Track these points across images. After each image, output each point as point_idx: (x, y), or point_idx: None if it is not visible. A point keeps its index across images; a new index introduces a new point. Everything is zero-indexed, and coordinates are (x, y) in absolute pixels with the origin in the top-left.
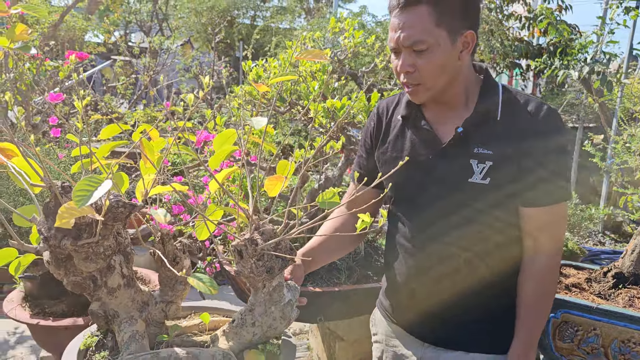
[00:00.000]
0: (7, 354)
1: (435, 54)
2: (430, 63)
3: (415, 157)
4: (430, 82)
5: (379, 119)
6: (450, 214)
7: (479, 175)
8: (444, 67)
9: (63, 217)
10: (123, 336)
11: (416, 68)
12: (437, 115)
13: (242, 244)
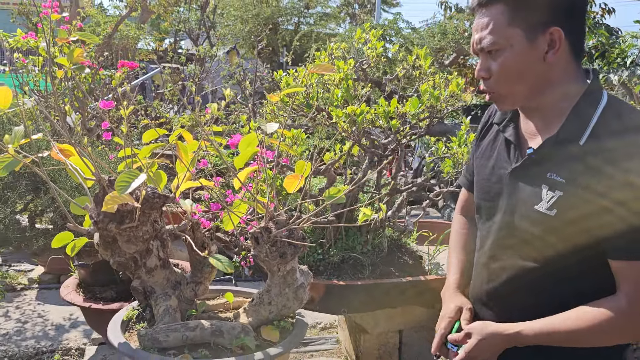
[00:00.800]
0: (62, 336)
1: (507, 56)
2: (502, 67)
3: (497, 169)
4: (505, 89)
5: (486, 120)
6: (514, 237)
7: (545, 204)
8: (522, 72)
9: (108, 203)
10: (158, 309)
11: (491, 73)
12: (529, 126)
13: (258, 232)
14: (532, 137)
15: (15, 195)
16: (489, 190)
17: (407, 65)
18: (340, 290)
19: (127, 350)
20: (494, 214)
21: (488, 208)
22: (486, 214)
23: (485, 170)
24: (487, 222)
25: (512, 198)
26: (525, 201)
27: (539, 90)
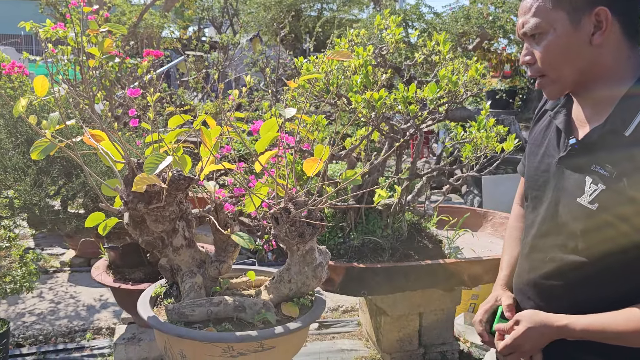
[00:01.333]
0: (93, 316)
1: (550, 40)
2: (546, 51)
3: (546, 157)
4: (552, 74)
5: (540, 106)
6: (558, 229)
7: (587, 197)
8: (566, 56)
9: (138, 184)
10: (184, 286)
11: (535, 58)
12: (581, 114)
13: (278, 212)
14: (582, 125)
15: (49, 179)
16: (537, 179)
17: (427, 51)
18: (360, 273)
19: (156, 323)
20: (540, 204)
21: (534, 197)
22: (532, 204)
23: (535, 158)
24: (533, 211)
25: (557, 188)
26: (569, 193)
27: (589, 75)
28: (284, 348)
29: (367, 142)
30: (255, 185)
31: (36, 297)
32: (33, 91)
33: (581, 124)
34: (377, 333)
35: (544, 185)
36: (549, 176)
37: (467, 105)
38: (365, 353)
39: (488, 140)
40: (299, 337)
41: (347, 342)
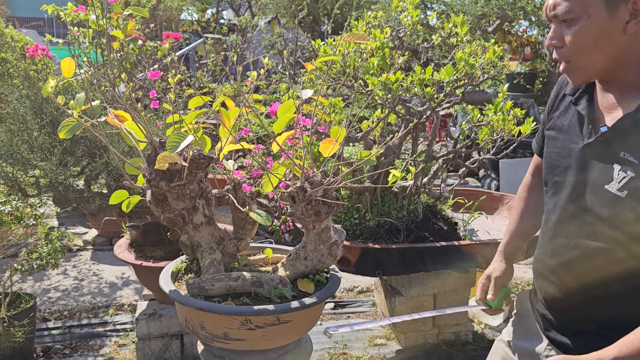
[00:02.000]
0: (116, 293)
1: (583, 26)
2: (577, 37)
3: (568, 143)
4: (581, 60)
5: (558, 89)
6: (581, 216)
7: (616, 184)
8: (597, 43)
9: (160, 162)
10: (204, 262)
11: (564, 42)
12: (607, 99)
13: (294, 191)
14: (609, 111)
15: (73, 160)
16: (558, 165)
17: (444, 33)
18: (375, 253)
19: (177, 296)
20: (561, 189)
21: (555, 183)
22: (553, 188)
23: (555, 143)
24: (554, 196)
25: (581, 175)
26: (595, 179)
27: (620, 62)
28: (300, 322)
29: (383, 125)
30: (273, 165)
31: (60, 274)
32: (56, 73)
33: (607, 111)
34: (392, 313)
35: (565, 171)
36: (570, 162)
37: (486, 89)
38: (379, 332)
39: (505, 123)
40: (315, 312)
41: None
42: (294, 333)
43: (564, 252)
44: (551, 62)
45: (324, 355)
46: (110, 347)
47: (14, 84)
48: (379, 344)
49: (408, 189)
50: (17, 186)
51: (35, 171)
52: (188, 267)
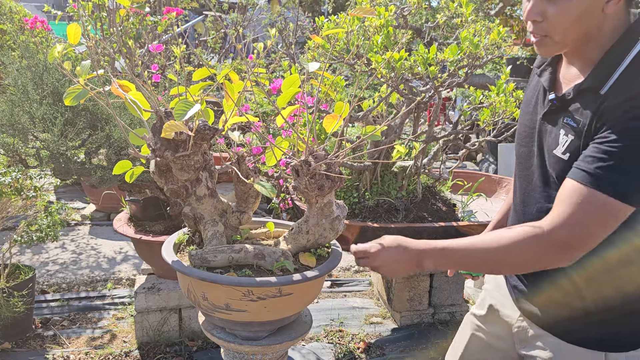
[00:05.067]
0: (114, 267)
1: (569, 2)
2: (561, 13)
3: (533, 114)
4: (558, 36)
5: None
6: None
7: (561, 148)
8: (579, 20)
9: (167, 130)
10: (207, 234)
11: (545, 17)
12: (569, 72)
13: (299, 164)
14: (568, 83)
15: (74, 131)
16: (525, 135)
17: (449, 13)
18: (374, 232)
19: (180, 266)
20: (528, 159)
21: (522, 153)
22: (521, 158)
23: (524, 116)
24: (521, 166)
25: (541, 143)
26: (549, 146)
27: (589, 39)
28: (301, 295)
29: (384, 106)
30: (277, 139)
31: (59, 248)
32: (55, 45)
33: (567, 83)
34: (388, 292)
35: (530, 141)
36: (534, 132)
37: (486, 73)
38: (375, 311)
39: (507, 105)
40: (316, 285)
41: (359, 301)
42: (295, 306)
43: (531, 218)
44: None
45: (321, 332)
46: (109, 320)
47: (14, 56)
48: (375, 322)
49: (408, 169)
50: (18, 157)
51: (36, 142)
52: (190, 239)
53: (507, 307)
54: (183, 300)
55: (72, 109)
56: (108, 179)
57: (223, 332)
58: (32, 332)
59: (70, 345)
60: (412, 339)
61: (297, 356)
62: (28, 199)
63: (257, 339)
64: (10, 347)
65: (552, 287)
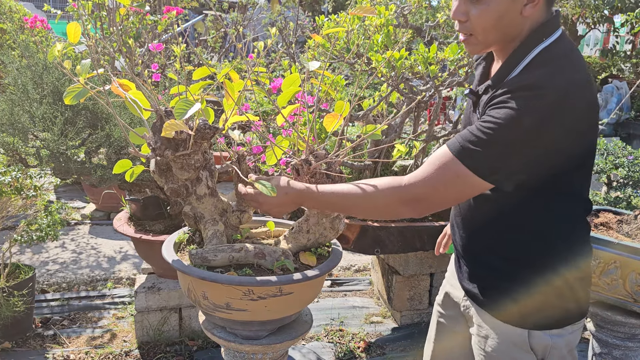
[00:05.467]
0: (114, 267)
1: (490, 6)
2: (482, 15)
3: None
4: (480, 35)
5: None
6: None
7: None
8: (498, 22)
9: (167, 129)
10: (207, 233)
11: (468, 17)
12: (496, 68)
13: (299, 163)
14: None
15: (74, 131)
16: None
17: (449, 12)
18: (374, 231)
19: (181, 266)
20: None
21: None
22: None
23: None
24: None
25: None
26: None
27: (510, 39)
28: (301, 294)
29: (384, 105)
30: (277, 138)
31: (59, 248)
32: (55, 44)
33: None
34: (389, 292)
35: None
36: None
37: None
38: (376, 310)
39: None
40: (316, 284)
41: (359, 300)
42: (295, 305)
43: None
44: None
45: (321, 332)
46: (109, 320)
47: (14, 55)
48: (375, 321)
49: (408, 169)
50: (18, 156)
51: (36, 142)
52: (190, 238)
53: (457, 289)
54: (183, 299)
55: (72, 108)
56: (108, 178)
57: (223, 331)
58: (32, 332)
59: (70, 345)
60: (413, 338)
61: (297, 355)
62: (28, 198)
63: (257, 338)
64: (10, 347)
65: (482, 266)
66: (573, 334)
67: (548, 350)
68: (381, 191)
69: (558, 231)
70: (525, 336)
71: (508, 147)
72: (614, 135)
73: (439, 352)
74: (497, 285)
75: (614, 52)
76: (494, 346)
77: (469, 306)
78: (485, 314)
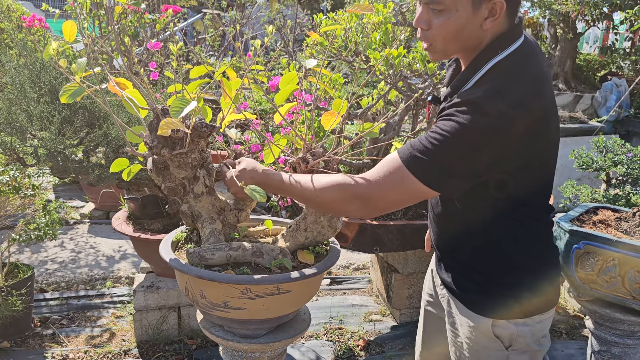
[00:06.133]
0: (113, 266)
1: (450, 18)
2: (444, 26)
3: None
4: (440, 45)
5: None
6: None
7: None
8: (458, 34)
9: (163, 128)
10: (204, 231)
11: (430, 26)
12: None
13: (296, 162)
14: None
15: (72, 129)
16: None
17: None
18: (373, 230)
19: (178, 265)
20: None
21: None
22: None
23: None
24: None
25: None
26: None
27: (471, 49)
28: (299, 293)
29: (383, 103)
30: (275, 137)
31: (58, 247)
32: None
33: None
34: (388, 290)
35: None
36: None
37: None
38: (375, 309)
39: None
40: (314, 283)
41: (358, 298)
42: (293, 303)
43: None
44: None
45: (320, 330)
46: (108, 319)
47: (11, 54)
48: (375, 319)
49: None
50: (16, 155)
51: (34, 141)
52: (188, 236)
53: (437, 277)
54: (182, 298)
55: (70, 107)
56: (106, 177)
57: (221, 330)
58: (31, 331)
59: (69, 344)
60: (412, 336)
61: (296, 354)
62: (26, 197)
63: (255, 337)
64: (9, 346)
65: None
66: (541, 323)
67: (514, 338)
68: (331, 187)
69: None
70: (489, 325)
71: (452, 158)
72: (613, 132)
73: (427, 339)
74: (465, 277)
75: (613, 49)
76: (463, 334)
77: (444, 294)
78: (456, 302)
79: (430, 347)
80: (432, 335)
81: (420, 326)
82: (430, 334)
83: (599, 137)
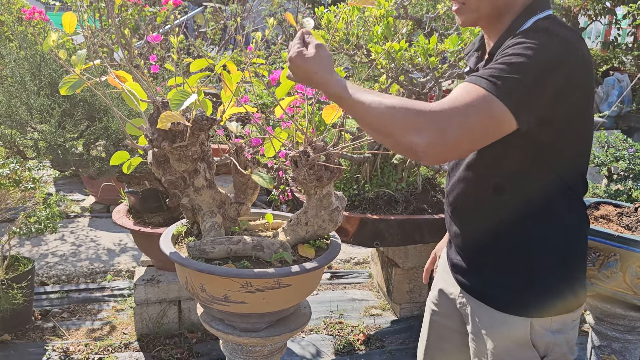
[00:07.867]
0: (113, 259)
1: None
2: None
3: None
4: (473, 4)
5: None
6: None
7: None
8: None
9: (163, 121)
10: (205, 225)
11: None
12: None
13: (297, 155)
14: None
15: (72, 122)
16: None
17: (449, 3)
18: (374, 224)
19: (178, 258)
20: None
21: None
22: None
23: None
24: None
25: None
26: None
27: (501, 12)
28: (300, 287)
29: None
30: (275, 130)
31: (58, 240)
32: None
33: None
34: (388, 284)
35: None
36: None
37: None
38: (375, 303)
39: None
40: (314, 277)
41: (358, 293)
42: (293, 297)
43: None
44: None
45: (320, 324)
46: (108, 312)
47: (11, 47)
48: (375, 314)
49: (408, 161)
50: (16, 148)
51: (34, 134)
52: (188, 230)
53: (450, 285)
54: (182, 292)
55: (70, 100)
56: (106, 170)
57: (222, 323)
58: (32, 324)
59: (69, 337)
60: (412, 330)
61: (296, 348)
62: (27, 190)
63: (255, 331)
64: (9, 339)
65: (481, 258)
66: (573, 330)
67: (550, 347)
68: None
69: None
70: (527, 332)
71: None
72: (615, 128)
73: (431, 349)
74: (501, 276)
75: (616, 44)
76: (494, 345)
77: (466, 303)
78: (484, 308)
79: (433, 357)
80: (435, 345)
81: (423, 334)
82: (434, 343)
83: (600, 132)
